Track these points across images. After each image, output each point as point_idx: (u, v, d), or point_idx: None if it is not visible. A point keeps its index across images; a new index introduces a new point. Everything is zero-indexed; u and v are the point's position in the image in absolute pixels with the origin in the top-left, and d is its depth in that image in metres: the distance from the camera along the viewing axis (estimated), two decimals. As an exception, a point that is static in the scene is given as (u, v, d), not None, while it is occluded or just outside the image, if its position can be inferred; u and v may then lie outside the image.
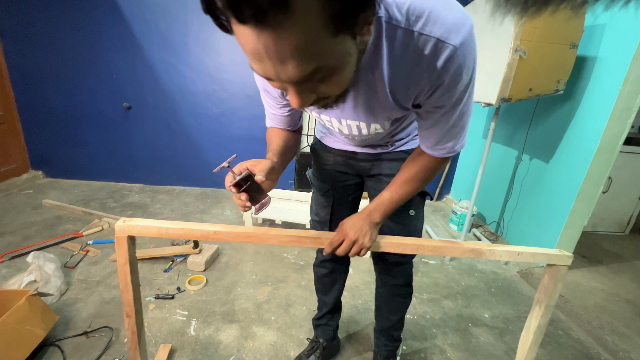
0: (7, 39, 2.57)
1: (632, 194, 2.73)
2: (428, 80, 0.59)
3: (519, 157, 2.35)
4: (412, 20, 0.53)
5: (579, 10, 0.25)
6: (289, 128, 0.88)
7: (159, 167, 3.02)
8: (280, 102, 0.81)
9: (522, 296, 1.86)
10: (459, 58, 0.55)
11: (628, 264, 2.32)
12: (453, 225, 2.65)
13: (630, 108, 1.71)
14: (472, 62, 0.58)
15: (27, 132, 2.84)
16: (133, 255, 0.83)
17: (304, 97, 0.48)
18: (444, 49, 0.54)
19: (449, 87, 0.59)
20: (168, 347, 1.29)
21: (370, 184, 1.02)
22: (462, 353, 1.41)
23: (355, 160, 0.98)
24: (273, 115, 0.86)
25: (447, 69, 0.56)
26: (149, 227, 0.79)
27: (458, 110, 0.65)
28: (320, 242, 0.81)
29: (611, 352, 1.49)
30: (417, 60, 0.56)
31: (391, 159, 0.94)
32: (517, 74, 1.66)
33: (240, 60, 2.73)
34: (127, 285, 0.85)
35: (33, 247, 1.86)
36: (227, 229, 0.79)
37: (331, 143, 1.00)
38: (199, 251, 1.88)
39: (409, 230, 0.98)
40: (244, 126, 2.92)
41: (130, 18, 2.56)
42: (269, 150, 0.82)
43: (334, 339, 1.31)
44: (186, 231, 0.79)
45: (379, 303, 1.19)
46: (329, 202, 1.06)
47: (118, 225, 0.77)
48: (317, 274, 1.21)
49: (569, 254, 0.84)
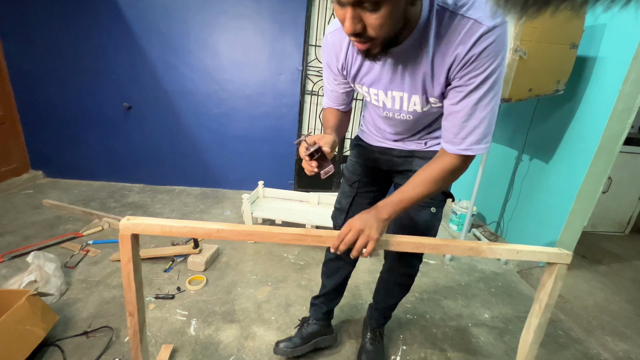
0: (7, 39, 2.56)
1: (632, 194, 2.73)
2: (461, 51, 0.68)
3: (519, 157, 2.35)
4: (459, 5, 0.67)
5: (579, 11, 0.25)
6: (341, 107, 1.02)
7: (159, 167, 3.02)
8: (337, 78, 0.93)
9: (522, 296, 1.86)
10: (489, 38, 0.66)
11: (628, 264, 2.33)
12: (453, 225, 2.65)
13: (630, 108, 1.71)
14: (500, 53, 0.68)
15: (27, 132, 2.84)
16: (136, 254, 0.84)
17: (354, 22, 0.61)
18: (478, 28, 0.66)
19: (477, 64, 0.68)
20: (170, 348, 1.29)
21: (398, 180, 1.10)
22: (462, 353, 1.41)
23: (389, 155, 1.07)
24: (331, 92, 0.99)
25: (477, 44, 0.66)
26: (153, 225, 0.80)
27: (477, 98, 0.71)
28: (322, 240, 0.82)
29: (611, 352, 1.50)
30: (455, 37, 0.68)
31: (422, 157, 1.01)
32: (517, 74, 1.66)
33: (241, 60, 2.73)
34: (130, 283, 0.86)
35: (33, 247, 1.86)
36: (230, 227, 0.81)
37: (370, 140, 1.10)
38: (199, 251, 1.88)
39: (426, 228, 1.03)
40: (244, 126, 2.92)
41: (130, 18, 2.56)
42: (327, 127, 0.97)
43: (325, 321, 1.34)
44: (189, 229, 0.81)
45: (380, 287, 1.27)
46: (352, 193, 1.15)
47: (122, 223, 0.78)
48: (326, 257, 1.30)
49: (568, 252, 0.85)
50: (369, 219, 0.78)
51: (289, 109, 2.89)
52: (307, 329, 1.32)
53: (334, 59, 0.88)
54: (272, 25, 2.64)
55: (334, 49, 0.86)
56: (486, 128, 0.74)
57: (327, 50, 0.88)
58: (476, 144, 0.75)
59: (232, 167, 3.06)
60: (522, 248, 0.84)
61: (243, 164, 3.04)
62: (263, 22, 2.63)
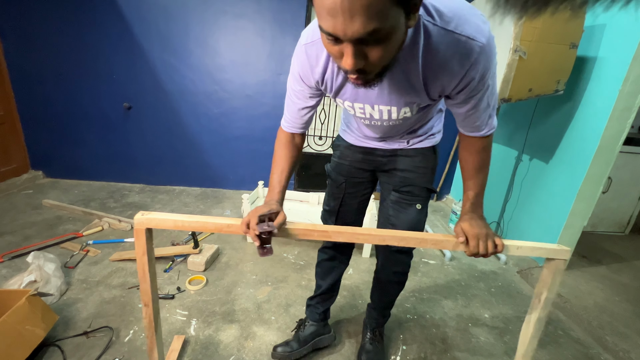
0: (7, 39, 2.57)
1: (632, 194, 2.73)
2: (459, 71, 0.69)
3: (519, 157, 2.35)
4: (446, 20, 0.64)
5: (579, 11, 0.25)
6: (301, 129, 0.96)
7: (159, 167, 3.02)
8: (310, 92, 0.87)
9: (522, 296, 1.86)
10: (484, 54, 0.67)
11: (628, 264, 2.33)
12: (453, 225, 2.66)
13: (630, 108, 1.71)
14: (494, 56, 0.71)
15: (27, 132, 2.84)
16: (150, 247, 0.88)
17: (357, 60, 0.55)
18: (473, 46, 0.65)
19: (480, 78, 0.70)
20: (182, 338, 1.33)
21: (384, 178, 1.12)
22: (462, 353, 1.41)
23: (373, 155, 1.07)
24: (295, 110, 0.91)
25: (477, 62, 0.67)
26: (166, 220, 0.84)
27: (487, 95, 0.76)
28: (328, 235, 0.86)
29: (611, 352, 1.49)
30: (450, 55, 0.67)
31: (405, 155, 1.04)
32: (517, 74, 1.66)
33: (241, 60, 2.73)
34: (145, 275, 0.90)
35: (33, 247, 1.86)
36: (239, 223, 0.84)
37: (352, 140, 1.09)
38: (199, 251, 1.88)
39: (413, 224, 1.05)
40: (244, 126, 2.92)
41: (130, 18, 2.56)
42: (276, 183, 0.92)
43: (322, 321, 1.35)
44: (201, 224, 0.84)
45: (375, 286, 1.28)
46: (341, 195, 1.15)
47: (137, 218, 0.83)
48: (319, 258, 1.30)
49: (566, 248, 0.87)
50: (479, 223, 0.83)
51: (289, 109, 2.89)
52: (305, 331, 1.32)
53: (309, 72, 0.81)
54: (272, 25, 2.64)
55: (310, 62, 0.79)
56: (495, 106, 0.81)
57: (302, 62, 0.81)
58: (495, 122, 0.84)
59: (232, 167, 3.06)
60: (522, 244, 0.85)
61: (243, 164, 3.04)
62: (263, 22, 2.63)
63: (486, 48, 0.66)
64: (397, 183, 1.05)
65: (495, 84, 0.77)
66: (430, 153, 1.04)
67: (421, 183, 1.04)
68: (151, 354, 1.03)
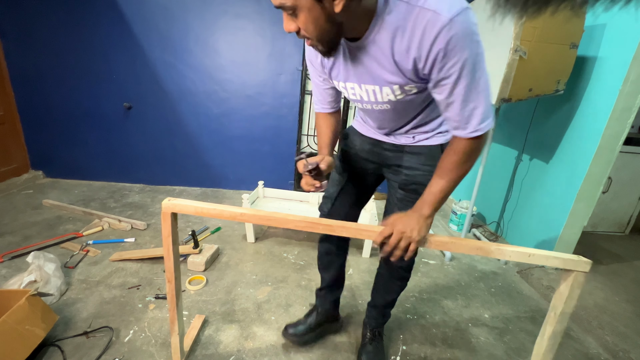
0: (7, 39, 2.56)
1: (632, 194, 2.73)
2: (424, 44, 0.68)
3: (519, 157, 2.35)
4: None
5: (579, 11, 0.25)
6: (332, 108, 1.08)
7: (159, 167, 3.02)
8: (321, 75, 0.98)
9: (522, 296, 1.86)
10: (452, 29, 0.65)
11: (628, 264, 2.33)
12: (453, 225, 2.65)
13: (630, 108, 1.71)
14: (469, 39, 0.67)
15: (27, 132, 2.84)
16: (175, 229, 1.00)
17: (289, 23, 0.71)
18: (437, 19, 0.65)
19: (448, 55, 0.68)
20: (202, 318, 1.44)
21: (390, 175, 1.12)
22: (462, 353, 1.41)
23: (380, 148, 1.09)
24: (319, 92, 1.04)
25: (440, 37, 0.66)
26: (188, 206, 0.95)
27: (465, 85, 0.71)
28: (332, 229, 0.90)
29: (611, 352, 1.49)
30: (414, 29, 0.68)
31: (412, 152, 1.03)
32: (517, 74, 1.66)
33: (241, 60, 2.73)
34: (169, 254, 1.01)
35: (33, 247, 1.86)
36: (252, 212, 0.95)
37: (361, 129, 1.13)
38: (199, 251, 1.88)
39: None
40: (244, 126, 2.92)
41: (130, 18, 2.56)
42: (322, 143, 1.07)
43: (333, 310, 1.41)
44: (218, 211, 0.95)
45: (378, 283, 1.28)
46: (341, 182, 1.17)
47: (164, 203, 0.96)
48: (319, 251, 1.32)
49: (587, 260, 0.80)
50: (411, 220, 0.81)
51: (289, 109, 2.89)
52: (316, 317, 1.36)
53: (313, 55, 0.94)
54: (272, 25, 2.64)
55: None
56: (484, 107, 0.75)
57: (308, 46, 0.89)
58: (481, 123, 0.77)
59: (232, 167, 3.06)
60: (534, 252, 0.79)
61: (243, 164, 3.04)
62: (263, 22, 2.63)
63: (454, 25, 0.64)
64: (403, 181, 1.05)
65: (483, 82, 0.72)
66: (437, 151, 1.02)
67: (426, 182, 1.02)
68: (173, 326, 1.13)
